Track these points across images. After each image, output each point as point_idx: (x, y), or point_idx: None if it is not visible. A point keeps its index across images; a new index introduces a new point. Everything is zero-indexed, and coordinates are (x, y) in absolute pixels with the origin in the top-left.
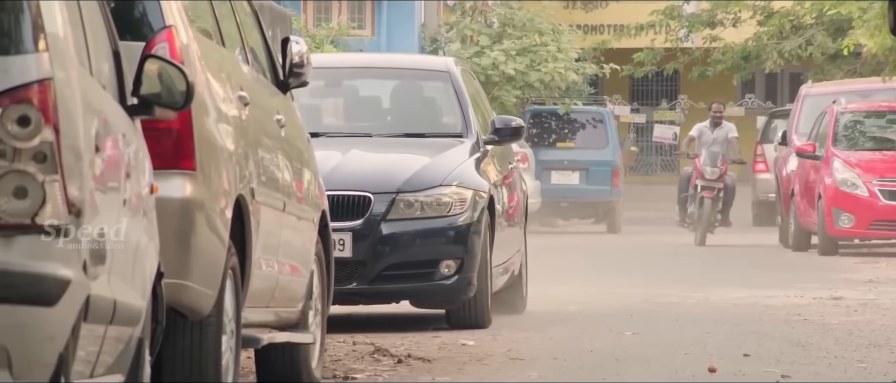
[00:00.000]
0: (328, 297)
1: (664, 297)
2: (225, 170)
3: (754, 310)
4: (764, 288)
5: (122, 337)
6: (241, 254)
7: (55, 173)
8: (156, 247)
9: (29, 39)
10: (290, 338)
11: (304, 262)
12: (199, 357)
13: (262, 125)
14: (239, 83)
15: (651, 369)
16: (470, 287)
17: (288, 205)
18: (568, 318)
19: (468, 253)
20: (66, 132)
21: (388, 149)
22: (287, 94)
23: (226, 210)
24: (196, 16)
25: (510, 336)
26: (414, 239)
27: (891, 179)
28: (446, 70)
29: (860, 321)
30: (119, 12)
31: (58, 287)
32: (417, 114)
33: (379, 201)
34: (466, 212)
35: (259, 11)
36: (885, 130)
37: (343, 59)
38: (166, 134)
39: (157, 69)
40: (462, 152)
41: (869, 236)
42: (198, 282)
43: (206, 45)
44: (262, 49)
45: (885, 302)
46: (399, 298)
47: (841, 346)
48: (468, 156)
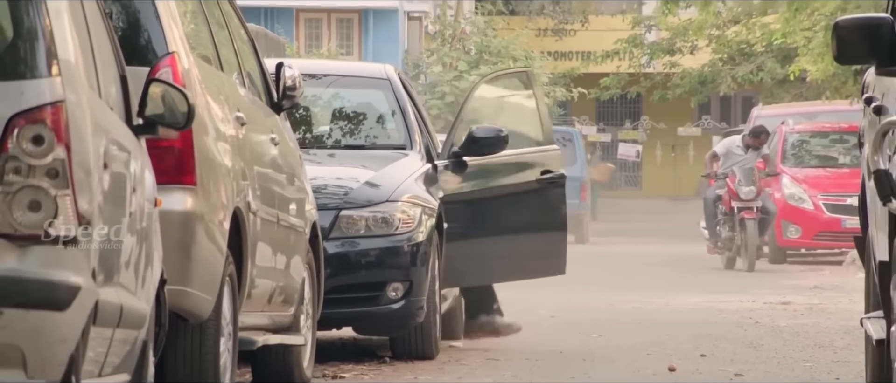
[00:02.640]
0: (318, 302)
1: (628, 303)
2: (223, 184)
3: (710, 314)
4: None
5: (128, 339)
6: (238, 262)
7: (66, 188)
8: (159, 256)
9: (43, 65)
10: (283, 341)
11: (295, 270)
12: (199, 358)
13: (258, 143)
14: (236, 105)
15: (615, 368)
16: (419, 311)
17: (281, 217)
18: (539, 322)
19: (417, 275)
20: (76, 150)
21: (327, 162)
22: (280, 114)
23: (224, 222)
24: (197, 43)
25: (486, 338)
26: (358, 259)
27: (834, 194)
28: (385, 77)
29: (806, 324)
30: (126, 39)
31: (69, 293)
32: (356, 124)
33: (320, 218)
34: (415, 230)
35: (255, 38)
36: (829, 149)
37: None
38: (169, 152)
39: (160, 92)
40: (408, 165)
41: (814, 246)
42: (198, 289)
43: (206, 69)
44: (258, 73)
45: (829, 307)
46: (341, 324)
47: (789, 347)
48: (415, 170)
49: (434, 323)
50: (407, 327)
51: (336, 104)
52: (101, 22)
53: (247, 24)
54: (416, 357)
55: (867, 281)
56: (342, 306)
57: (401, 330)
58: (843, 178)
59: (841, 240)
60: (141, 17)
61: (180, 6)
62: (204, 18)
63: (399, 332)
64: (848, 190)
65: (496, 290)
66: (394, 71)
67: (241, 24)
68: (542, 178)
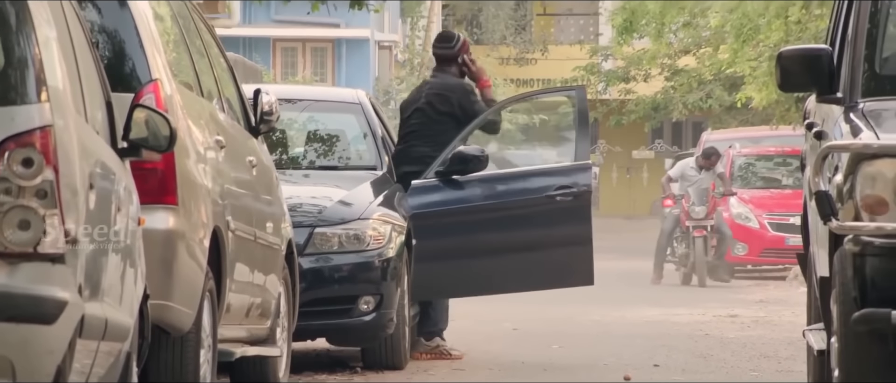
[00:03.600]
0: (293, 315)
1: (587, 316)
2: (203, 204)
3: (663, 327)
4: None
5: (113, 351)
6: (217, 277)
7: (54, 208)
8: (142, 272)
9: (33, 91)
10: (260, 352)
11: (272, 284)
12: (180, 369)
13: (236, 165)
14: (216, 129)
15: (574, 377)
16: (390, 323)
17: (258, 235)
18: (503, 334)
19: (387, 289)
20: (64, 172)
21: (302, 182)
22: (258, 137)
23: (204, 239)
24: (179, 70)
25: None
26: (331, 274)
27: (778, 213)
28: (357, 102)
29: (753, 335)
30: (111, 67)
31: (56, 307)
32: (330, 146)
33: (295, 235)
34: (385, 246)
35: (233, 66)
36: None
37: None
38: (152, 173)
39: (144, 117)
40: (378, 185)
41: (760, 262)
42: (179, 303)
43: (188, 95)
44: (237, 99)
45: (773, 320)
46: (315, 336)
47: (737, 357)
48: (385, 189)
49: (403, 334)
50: (378, 338)
51: (310, 127)
52: (88, 51)
53: (226, 52)
54: (386, 367)
55: (809, 295)
56: (316, 318)
57: (372, 341)
58: (787, 199)
59: (785, 257)
60: (126, 46)
61: (163, 36)
62: (185, 47)
63: (370, 343)
64: (791, 210)
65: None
66: (365, 96)
67: (221, 53)
68: (564, 192)
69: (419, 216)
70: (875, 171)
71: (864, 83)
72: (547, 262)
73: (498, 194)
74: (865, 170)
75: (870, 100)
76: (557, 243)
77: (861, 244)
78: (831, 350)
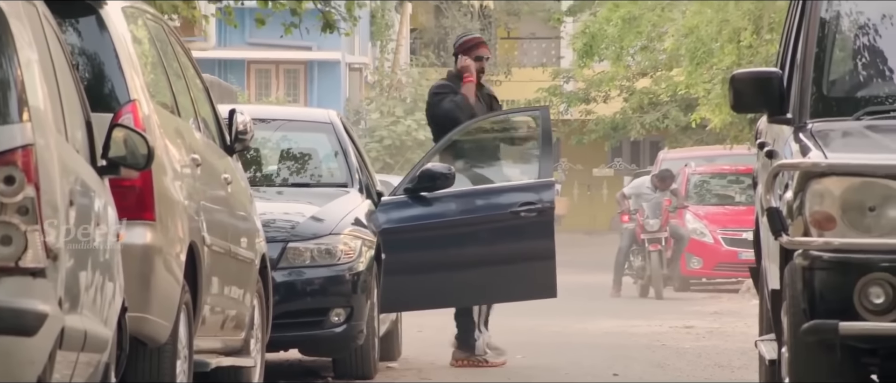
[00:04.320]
0: (267, 327)
1: (549, 327)
2: (180, 220)
3: (622, 338)
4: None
5: (92, 362)
6: (193, 291)
7: (36, 224)
8: (120, 286)
9: (15, 111)
10: (234, 363)
11: (246, 297)
12: (157, 379)
13: (212, 183)
14: (192, 147)
15: None
16: (360, 334)
17: (233, 250)
18: None
19: (357, 301)
20: (45, 189)
21: (275, 199)
22: (233, 156)
23: (180, 254)
24: (156, 91)
25: (418, 360)
26: (304, 287)
27: (731, 229)
28: (329, 122)
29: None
30: (91, 88)
31: (37, 320)
32: (302, 164)
33: (269, 250)
34: (355, 260)
35: (209, 87)
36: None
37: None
38: (130, 190)
39: (123, 136)
40: (349, 202)
41: (714, 276)
42: (156, 315)
43: (165, 115)
44: (212, 118)
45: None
46: (288, 346)
47: (692, 367)
48: (356, 206)
49: (373, 345)
50: (348, 349)
51: (283, 146)
52: (69, 72)
53: (202, 74)
54: (356, 376)
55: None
56: (289, 330)
57: (342, 351)
58: (740, 215)
59: (738, 271)
60: (105, 67)
61: (141, 58)
62: (163, 69)
63: (341, 354)
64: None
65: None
66: (336, 116)
67: (197, 74)
68: (529, 208)
69: (388, 231)
70: (823, 189)
71: (812, 105)
72: (511, 276)
73: (464, 210)
74: (814, 187)
75: (818, 121)
76: (522, 257)
77: (810, 258)
78: (782, 359)
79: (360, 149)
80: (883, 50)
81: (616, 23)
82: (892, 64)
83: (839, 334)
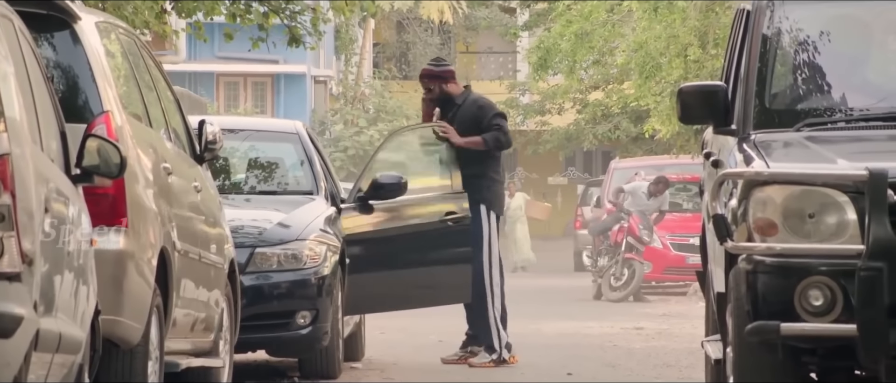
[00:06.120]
0: (235, 329)
1: None
2: (151, 226)
3: (576, 338)
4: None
5: (66, 363)
6: (164, 294)
7: (12, 230)
8: (94, 289)
9: None
10: (204, 363)
11: (215, 301)
12: (129, 380)
13: (182, 190)
14: (163, 157)
15: None
16: (325, 336)
17: (202, 255)
18: (429, 345)
19: (323, 304)
20: (21, 197)
21: (243, 206)
22: (203, 165)
23: (152, 259)
24: (129, 102)
25: (380, 361)
26: (271, 291)
27: (679, 235)
28: (295, 132)
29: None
30: (65, 99)
31: (13, 322)
32: (270, 172)
33: (238, 255)
34: (321, 265)
35: (180, 99)
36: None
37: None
38: (104, 198)
39: (96, 146)
40: (315, 209)
41: (663, 279)
42: (128, 318)
43: (137, 126)
44: (183, 129)
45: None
46: (256, 348)
47: (642, 366)
48: (321, 213)
49: (337, 346)
50: (313, 350)
51: (251, 155)
52: (44, 85)
53: (172, 86)
54: (322, 376)
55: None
56: (256, 332)
57: (308, 352)
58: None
59: (685, 275)
60: (79, 80)
61: (114, 70)
62: (135, 81)
63: (306, 354)
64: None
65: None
66: (302, 126)
67: (168, 87)
68: (447, 218)
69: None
70: (766, 197)
71: (755, 116)
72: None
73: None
74: (757, 195)
75: (761, 132)
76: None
77: (753, 263)
78: (727, 359)
79: (325, 159)
80: (821, 65)
81: (569, 38)
82: (830, 78)
83: (781, 334)
